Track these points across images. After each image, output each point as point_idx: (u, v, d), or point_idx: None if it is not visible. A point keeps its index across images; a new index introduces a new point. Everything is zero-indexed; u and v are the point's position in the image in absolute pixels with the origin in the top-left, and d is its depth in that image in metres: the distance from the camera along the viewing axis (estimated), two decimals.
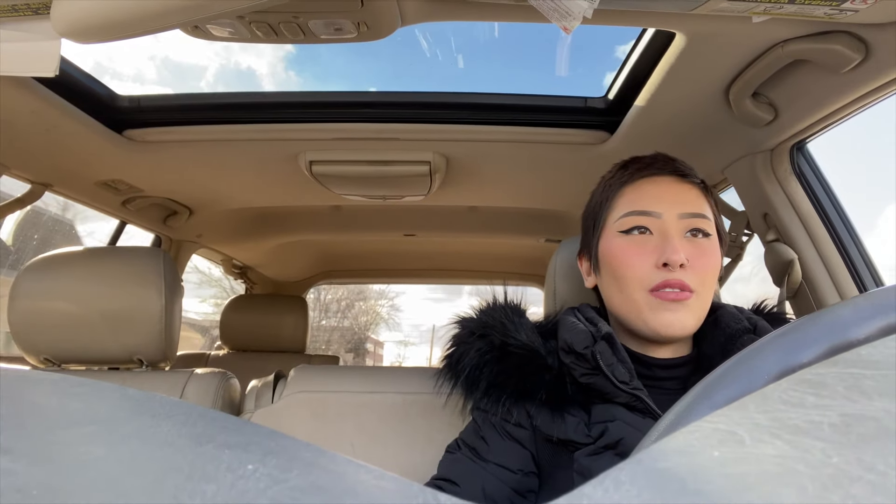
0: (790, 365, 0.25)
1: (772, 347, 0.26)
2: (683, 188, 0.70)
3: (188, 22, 0.58)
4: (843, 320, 0.26)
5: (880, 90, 0.85)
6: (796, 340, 0.26)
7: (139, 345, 1.02)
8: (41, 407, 0.19)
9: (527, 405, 0.68)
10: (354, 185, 1.46)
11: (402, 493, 0.16)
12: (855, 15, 0.68)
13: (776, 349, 0.26)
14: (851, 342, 0.25)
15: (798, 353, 0.25)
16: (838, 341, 0.25)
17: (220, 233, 2.03)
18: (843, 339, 0.25)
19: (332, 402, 0.93)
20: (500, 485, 0.66)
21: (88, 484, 0.14)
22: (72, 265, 1.03)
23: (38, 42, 0.67)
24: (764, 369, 0.26)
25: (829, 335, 0.25)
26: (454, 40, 2.12)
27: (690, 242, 0.67)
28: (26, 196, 1.34)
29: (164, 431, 0.18)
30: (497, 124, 1.22)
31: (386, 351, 15.65)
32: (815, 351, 0.25)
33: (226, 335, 2.35)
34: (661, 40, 0.92)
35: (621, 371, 0.64)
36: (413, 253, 2.66)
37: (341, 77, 8.74)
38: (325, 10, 0.73)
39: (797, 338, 0.26)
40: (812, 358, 0.25)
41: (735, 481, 0.14)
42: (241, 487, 0.14)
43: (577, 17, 0.62)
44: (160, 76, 7.58)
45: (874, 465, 0.14)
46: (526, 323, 0.73)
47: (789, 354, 0.25)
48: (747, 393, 0.20)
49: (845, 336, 0.25)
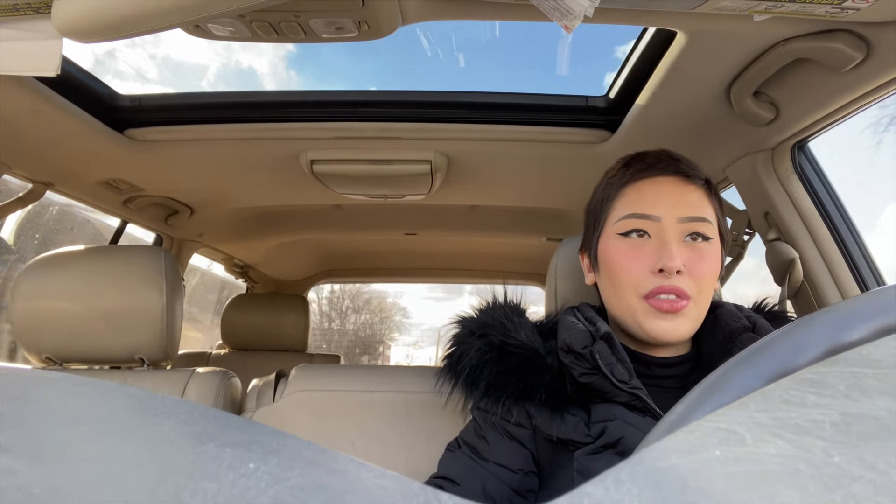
0: (791, 364, 0.25)
1: (773, 346, 0.26)
2: (686, 190, 0.69)
3: (189, 21, 0.58)
4: (845, 319, 0.25)
5: (882, 89, 0.85)
6: (797, 339, 0.26)
7: (140, 344, 1.02)
8: (43, 406, 0.19)
9: (527, 405, 0.68)
10: (355, 185, 1.46)
11: (403, 491, 0.16)
12: (856, 13, 0.68)
13: (777, 348, 0.26)
14: (852, 341, 0.25)
15: (799, 353, 0.25)
16: (839, 340, 0.25)
17: (221, 232, 2.03)
18: (845, 338, 0.25)
19: (333, 401, 0.93)
20: (500, 484, 0.66)
21: (90, 482, 0.14)
22: (73, 264, 1.04)
23: (39, 41, 0.67)
24: (765, 368, 0.25)
25: (830, 334, 0.25)
26: (455, 39, 2.12)
27: (689, 247, 0.66)
28: (27, 195, 1.34)
29: (165, 430, 0.18)
30: (498, 123, 1.22)
31: (393, 352, 16.14)
32: (816, 350, 0.25)
33: (227, 334, 2.35)
34: (662, 39, 0.92)
35: (620, 370, 0.64)
36: (414, 252, 2.66)
37: (342, 76, 8.75)
38: (326, 9, 0.73)
39: (798, 337, 0.26)
40: (813, 357, 0.25)
41: (736, 480, 0.14)
42: (242, 486, 0.14)
43: (578, 16, 0.62)
44: (161, 75, 7.59)
45: (875, 464, 0.14)
46: (525, 322, 0.73)
47: (790, 353, 0.25)
48: (748, 392, 0.20)
49: (846, 335, 0.25)
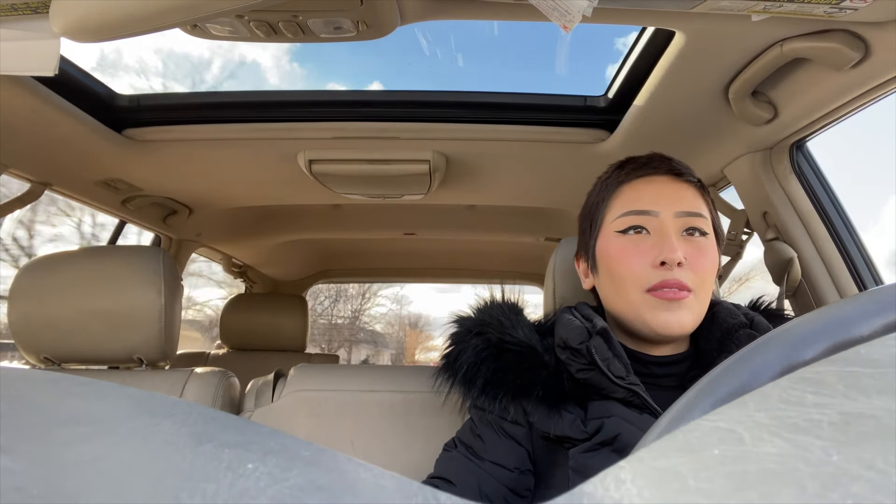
0: (789, 363, 0.25)
1: (771, 345, 0.26)
2: (680, 187, 0.70)
3: (187, 21, 0.58)
4: (843, 318, 0.26)
5: (879, 89, 0.85)
6: (795, 338, 0.26)
7: (139, 344, 1.02)
8: (41, 406, 0.19)
9: (523, 402, 0.68)
10: (354, 184, 1.46)
11: (402, 491, 0.16)
12: (854, 13, 0.68)
13: (776, 347, 0.26)
14: (851, 340, 0.25)
15: (797, 352, 0.25)
16: (838, 339, 0.25)
17: (219, 232, 2.03)
18: (843, 337, 0.25)
19: (331, 401, 0.93)
20: (496, 483, 0.66)
21: (88, 483, 0.14)
22: (71, 264, 1.03)
23: (37, 41, 0.67)
24: (764, 367, 0.26)
25: (828, 333, 0.25)
26: (454, 39, 2.12)
27: (687, 241, 0.67)
28: (26, 195, 1.34)
29: (164, 430, 0.18)
30: (497, 123, 1.22)
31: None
32: (814, 349, 0.25)
33: (226, 334, 2.35)
34: (661, 39, 0.92)
35: (617, 366, 0.64)
36: (413, 252, 2.66)
37: (340, 76, 8.73)
38: (325, 8, 0.73)
39: (796, 336, 0.26)
40: (811, 356, 0.25)
41: (735, 480, 0.14)
42: (241, 486, 0.14)
43: (577, 16, 0.62)
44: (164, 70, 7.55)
45: (874, 464, 0.14)
46: (523, 320, 0.73)
47: (788, 352, 0.25)
48: (747, 391, 0.20)
49: (845, 334, 0.25)
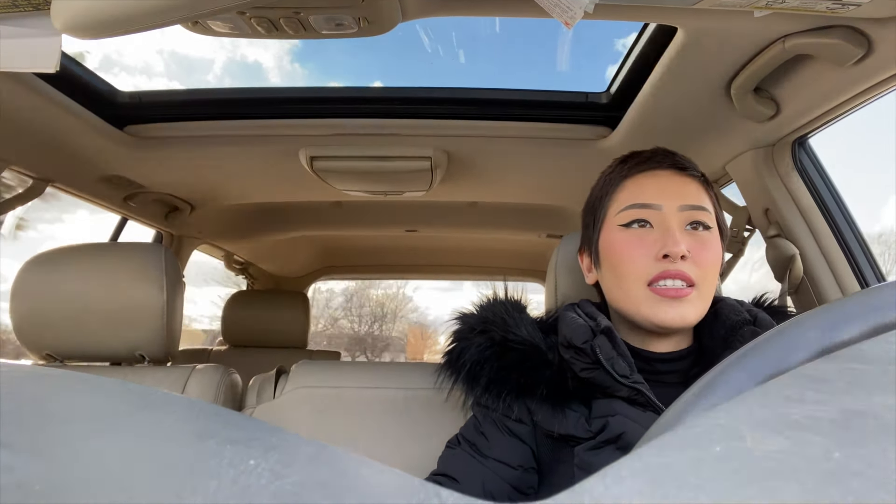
0: (790, 361, 0.25)
1: (772, 343, 0.26)
2: (683, 181, 0.70)
3: (188, 17, 0.58)
4: (844, 316, 0.25)
5: (882, 85, 0.85)
6: (796, 336, 0.26)
7: (141, 340, 1.02)
8: (43, 402, 0.19)
9: (527, 401, 0.68)
10: (355, 181, 1.46)
11: (404, 488, 0.16)
12: (857, 9, 0.68)
13: (776, 345, 0.26)
14: (851, 338, 0.25)
15: (798, 349, 0.25)
16: (838, 338, 0.25)
17: (221, 228, 2.03)
18: (844, 335, 0.25)
19: (333, 398, 0.93)
20: (499, 481, 0.66)
21: (90, 479, 0.14)
22: (73, 261, 1.04)
23: (38, 38, 0.67)
24: (764, 364, 0.26)
25: (829, 331, 0.25)
26: (455, 35, 2.11)
27: (691, 235, 0.67)
28: (27, 192, 1.34)
29: (166, 427, 0.18)
30: (498, 119, 1.22)
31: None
32: (815, 347, 0.25)
33: (227, 331, 2.35)
34: (663, 35, 0.92)
35: (621, 365, 0.64)
36: (414, 248, 2.66)
37: (341, 72, 8.71)
38: (326, 5, 0.73)
39: (797, 333, 0.26)
40: (812, 353, 0.25)
41: (736, 476, 0.14)
42: (242, 483, 0.14)
43: (579, 13, 0.62)
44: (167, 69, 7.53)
45: (874, 460, 0.14)
46: (526, 318, 0.73)
47: (789, 350, 0.25)
48: (748, 388, 0.20)
49: (846, 332, 0.25)
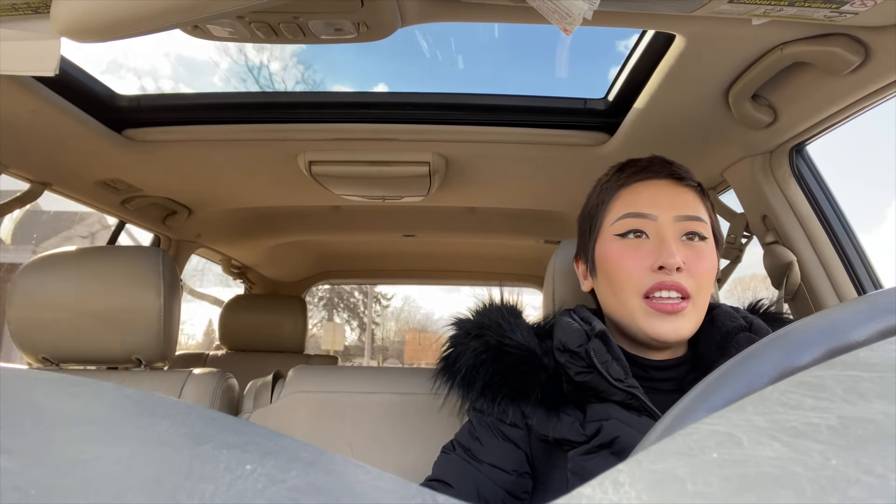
0: (788, 367, 0.25)
1: (770, 349, 0.26)
2: (680, 191, 0.70)
3: (188, 21, 0.58)
4: (842, 322, 0.26)
5: (880, 93, 0.85)
6: (795, 342, 0.26)
7: (138, 344, 1.02)
8: (39, 406, 0.19)
9: (522, 405, 0.68)
10: (354, 186, 1.46)
11: (400, 493, 0.16)
12: (854, 17, 0.68)
13: (774, 351, 0.26)
14: (850, 344, 0.25)
15: (796, 355, 0.25)
16: (837, 343, 0.25)
17: (219, 233, 2.03)
18: (842, 341, 0.25)
19: (330, 403, 0.93)
20: (493, 486, 0.66)
21: (86, 484, 0.14)
22: (71, 265, 1.03)
23: (37, 41, 0.67)
24: (762, 371, 0.26)
25: (827, 337, 0.25)
26: (454, 41, 2.12)
27: (687, 246, 0.67)
28: (25, 195, 1.34)
29: (162, 431, 0.18)
30: (497, 125, 1.22)
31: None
32: (813, 353, 0.25)
33: (224, 335, 2.35)
34: (661, 42, 0.92)
35: (616, 369, 0.64)
36: (412, 254, 2.66)
37: (340, 78, 8.74)
38: (325, 10, 0.73)
39: (796, 340, 0.26)
40: (810, 360, 0.25)
41: (733, 483, 0.14)
42: (239, 487, 0.14)
43: (577, 19, 0.62)
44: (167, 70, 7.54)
45: (872, 468, 0.14)
46: (522, 323, 0.73)
47: (788, 356, 0.25)
48: (745, 395, 0.20)
49: (844, 338, 0.25)
